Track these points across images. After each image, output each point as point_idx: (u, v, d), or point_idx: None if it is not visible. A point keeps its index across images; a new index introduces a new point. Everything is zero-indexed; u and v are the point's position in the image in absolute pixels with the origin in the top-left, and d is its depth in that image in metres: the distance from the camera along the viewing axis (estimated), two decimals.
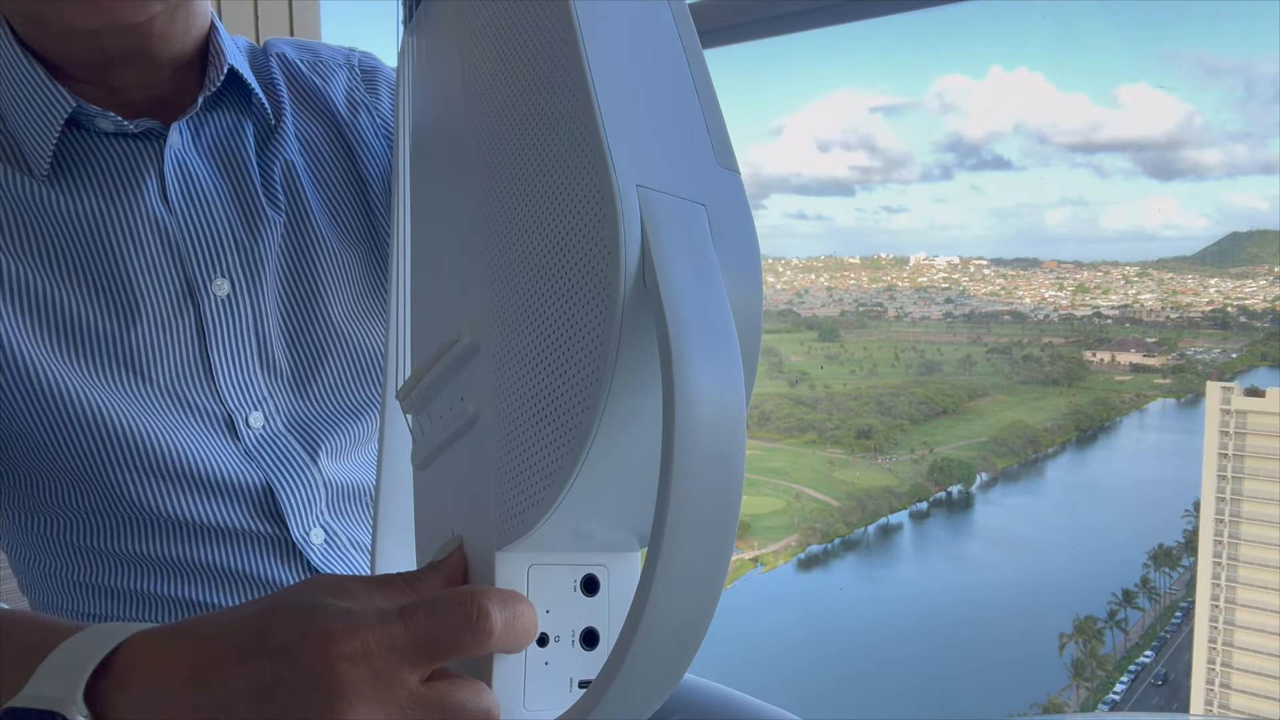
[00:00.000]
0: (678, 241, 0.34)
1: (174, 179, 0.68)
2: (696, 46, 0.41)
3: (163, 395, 0.66)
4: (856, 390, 42.92)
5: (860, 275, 54.69)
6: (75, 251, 0.65)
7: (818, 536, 33.56)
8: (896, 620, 31.79)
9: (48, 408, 0.64)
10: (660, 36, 0.40)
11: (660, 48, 0.40)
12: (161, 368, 0.66)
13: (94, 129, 0.67)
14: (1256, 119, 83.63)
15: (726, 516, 0.32)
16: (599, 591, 0.40)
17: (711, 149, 0.38)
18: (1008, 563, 33.91)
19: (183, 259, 0.67)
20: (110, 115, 0.66)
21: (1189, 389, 39.12)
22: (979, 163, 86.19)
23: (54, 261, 0.65)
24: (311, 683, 0.35)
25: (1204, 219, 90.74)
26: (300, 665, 0.35)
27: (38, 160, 0.65)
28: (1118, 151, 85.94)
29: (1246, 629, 22.79)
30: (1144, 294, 45.77)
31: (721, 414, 0.32)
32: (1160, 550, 30.83)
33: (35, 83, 0.65)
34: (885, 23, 5.23)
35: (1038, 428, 38.93)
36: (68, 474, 0.65)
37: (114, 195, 0.67)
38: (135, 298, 0.66)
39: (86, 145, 0.67)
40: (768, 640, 30.61)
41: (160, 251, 0.67)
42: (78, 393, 0.64)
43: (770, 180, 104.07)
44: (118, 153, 0.68)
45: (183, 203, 0.68)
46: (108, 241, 0.66)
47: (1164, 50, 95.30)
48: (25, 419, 0.64)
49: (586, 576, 0.40)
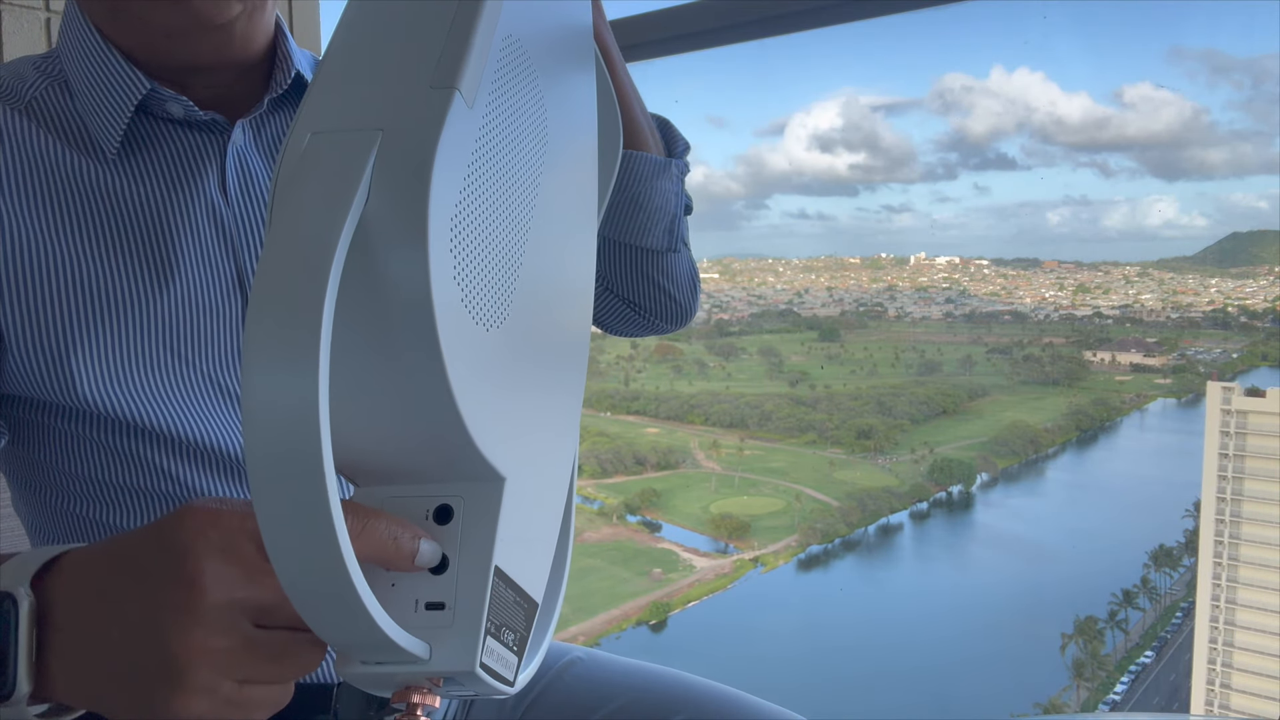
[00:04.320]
0: (309, 180, 0.37)
1: (234, 172, 0.71)
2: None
3: (202, 380, 0.68)
4: (856, 390, 42.87)
5: (860, 275, 54.61)
6: (131, 234, 0.67)
7: (818, 536, 33.52)
8: (896, 620, 31.76)
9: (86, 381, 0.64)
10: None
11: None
12: (204, 353, 0.68)
13: (163, 115, 0.69)
14: (1265, 117, 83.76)
15: (300, 501, 0.34)
16: (452, 519, 0.43)
17: (432, 71, 0.40)
18: (1008, 563, 33.87)
19: (235, 250, 0.70)
20: (182, 100, 0.68)
21: (1189, 389, 39.06)
22: (982, 162, 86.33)
23: (109, 243, 0.66)
24: (168, 538, 0.41)
25: (1205, 219, 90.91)
26: (164, 530, 0.42)
27: (107, 141, 0.67)
28: (1121, 151, 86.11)
29: (1246, 629, 22.75)
30: (1144, 294, 45.70)
31: (279, 408, 0.34)
32: (1160, 550, 30.77)
33: (112, 66, 0.67)
34: (886, 22, 5.21)
35: (1038, 428, 38.87)
36: (102, 449, 0.67)
37: (175, 182, 0.69)
38: (186, 283, 0.68)
39: (153, 131, 0.70)
40: (768, 640, 30.58)
41: (215, 240, 0.69)
42: (115, 365, 0.65)
43: (771, 180, 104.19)
44: (182, 142, 0.70)
45: (240, 196, 0.71)
46: (165, 227, 0.68)
47: (1169, 48, 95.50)
48: (63, 392, 0.64)
49: (440, 506, 0.43)
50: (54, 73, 0.70)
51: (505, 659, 0.45)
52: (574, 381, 0.56)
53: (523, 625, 0.47)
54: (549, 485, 0.52)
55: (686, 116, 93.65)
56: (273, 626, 0.42)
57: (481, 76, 0.42)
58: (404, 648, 0.39)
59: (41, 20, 1.55)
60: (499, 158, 0.44)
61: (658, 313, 0.92)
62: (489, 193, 0.43)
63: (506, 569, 0.44)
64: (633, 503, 34.43)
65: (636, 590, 30.27)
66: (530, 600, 0.48)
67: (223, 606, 0.40)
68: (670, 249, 0.87)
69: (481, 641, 0.42)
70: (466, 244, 0.41)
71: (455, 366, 0.39)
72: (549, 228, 0.50)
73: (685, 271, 0.91)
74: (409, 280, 0.37)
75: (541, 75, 0.51)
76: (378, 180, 0.37)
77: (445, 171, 0.39)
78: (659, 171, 0.83)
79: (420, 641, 0.41)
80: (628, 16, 1.49)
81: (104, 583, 0.43)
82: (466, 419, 0.40)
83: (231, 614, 0.40)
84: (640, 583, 30.66)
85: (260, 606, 0.41)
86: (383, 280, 0.38)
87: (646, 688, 0.87)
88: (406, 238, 0.37)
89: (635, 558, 31.71)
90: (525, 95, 0.48)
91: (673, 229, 0.86)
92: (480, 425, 0.41)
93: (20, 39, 1.52)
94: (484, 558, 0.42)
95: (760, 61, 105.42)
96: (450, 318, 0.39)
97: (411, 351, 0.38)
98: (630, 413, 40.87)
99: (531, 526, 0.48)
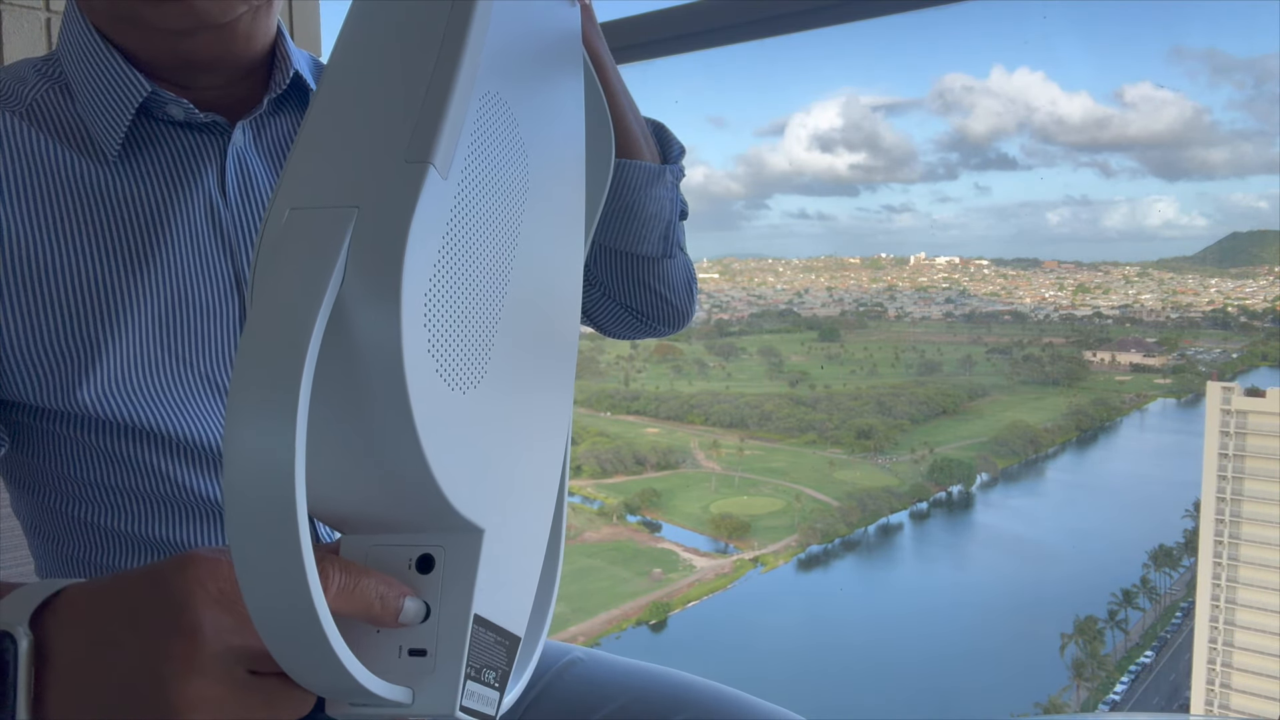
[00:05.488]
0: (289, 256, 0.38)
1: (234, 173, 0.71)
2: (469, 43, 0.43)
3: (199, 380, 0.68)
4: (856, 390, 42.88)
5: (860, 275, 54.64)
6: (129, 234, 0.67)
7: (818, 536, 33.52)
8: (896, 620, 31.76)
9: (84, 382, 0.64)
10: (423, 37, 0.44)
11: (419, 47, 0.43)
12: (202, 353, 0.68)
13: (163, 117, 0.69)
14: (1266, 117, 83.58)
15: (274, 553, 0.36)
16: (433, 569, 0.44)
17: (406, 146, 0.41)
18: (1008, 562, 33.88)
19: (233, 251, 0.70)
20: (182, 102, 0.68)
21: (1189, 389, 39.07)
22: (983, 162, 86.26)
23: (108, 244, 0.66)
24: (167, 588, 0.42)
25: (1205, 219, 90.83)
26: (163, 579, 0.42)
27: (108, 143, 0.67)
28: (1122, 151, 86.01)
29: (1246, 629, 22.75)
30: (1144, 294, 45.72)
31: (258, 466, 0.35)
32: (1160, 550, 30.78)
33: (113, 68, 0.67)
34: (886, 22, 5.21)
35: (1038, 428, 38.88)
36: (98, 451, 0.67)
37: (174, 183, 0.69)
38: (184, 284, 0.68)
39: (153, 132, 0.70)
40: (768, 640, 30.58)
41: (212, 240, 0.69)
42: (114, 370, 0.65)
43: (772, 180, 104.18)
44: (181, 142, 0.70)
45: (239, 196, 0.71)
46: (164, 226, 0.68)
47: (1170, 47, 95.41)
48: (61, 393, 0.64)
49: (422, 556, 0.45)
50: (54, 75, 0.70)
51: (486, 697, 0.46)
52: (556, 411, 0.56)
53: (504, 662, 0.48)
54: (531, 526, 0.53)
55: (686, 116, 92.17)
56: (266, 673, 0.43)
57: (457, 144, 0.42)
58: (383, 695, 0.41)
59: (41, 20, 1.55)
60: (476, 221, 0.44)
61: (655, 317, 0.92)
62: (465, 259, 0.43)
63: (486, 614, 0.45)
64: (633, 503, 34.43)
65: (636, 590, 30.27)
66: (512, 636, 0.49)
67: (219, 655, 0.41)
68: (666, 255, 0.87)
69: (461, 686, 0.43)
70: (441, 314, 0.41)
71: (428, 432, 0.40)
72: (531, 265, 0.51)
73: (681, 276, 0.91)
74: (382, 354, 0.38)
75: (522, 114, 0.50)
76: (353, 258, 0.38)
77: (419, 247, 0.39)
78: (653, 179, 0.82)
79: (402, 688, 0.42)
80: (628, 16, 1.49)
81: (103, 627, 0.43)
82: (440, 481, 0.41)
83: (227, 661, 0.41)
84: (640, 583, 30.67)
85: (254, 654, 0.42)
86: (358, 352, 0.39)
87: (646, 688, 0.87)
88: (380, 314, 0.38)
89: (635, 558, 31.71)
90: (504, 146, 0.48)
91: (668, 235, 0.86)
92: (455, 485, 0.42)
93: (20, 39, 1.52)
94: (464, 607, 0.44)
95: (760, 61, 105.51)
96: (423, 386, 0.40)
97: (385, 417, 0.39)
98: (630, 413, 40.87)
99: (513, 568, 0.49)
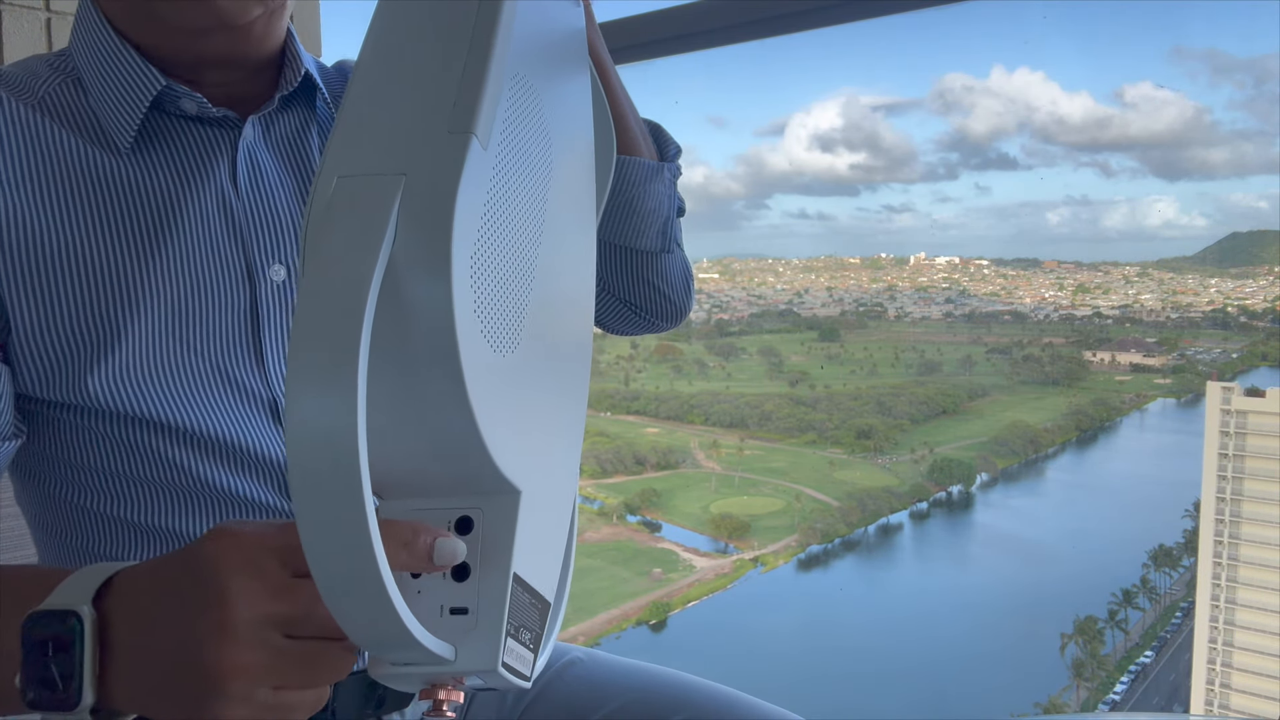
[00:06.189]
0: (340, 222, 0.40)
1: (245, 166, 0.72)
2: (500, 26, 0.46)
3: (210, 370, 0.69)
4: (856, 390, 42.92)
5: (860, 275, 54.70)
6: (142, 223, 0.67)
7: (818, 536, 33.55)
8: (896, 620, 31.79)
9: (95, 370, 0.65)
10: (455, 21, 0.46)
11: (452, 32, 0.45)
12: (213, 343, 0.69)
13: (175, 111, 0.71)
14: (1266, 117, 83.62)
15: (340, 516, 0.38)
16: (473, 530, 0.46)
17: (448, 117, 0.42)
18: (1008, 563, 33.91)
19: (244, 242, 0.71)
20: (196, 96, 0.69)
21: (1189, 389, 39.10)
22: (983, 162, 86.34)
23: (119, 232, 0.67)
24: (198, 561, 0.45)
25: (1205, 219, 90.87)
26: (194, 553, 0.46)
27: (121, 135, 0.68)
28: (1122, 151, 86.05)
29: (1246, 629, 22.77)
30: (1144, 294, 45.76)
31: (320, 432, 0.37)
32: (1160, 550, 30.80)
33: (126, 62, 0.68)
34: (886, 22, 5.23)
35: (1038, 428, 38.91)
36: (109, 440, 0.68)
37: (187, 174, 0.70)
38: (196, 274, 0.68)
39: (166, 126, 0.71)
40: (767, 640, 30.60)
41: (224, 231, 0.70)
42: (125, 359, 0.66)
43: (772, 180, 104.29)
44: (193, 136, 0.71)
45: (250, 189, 0.72)
46: (176, 217, 0.69)
47: (1171, 47, 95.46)
48: (73, 382, 0.65)
49: (461, 518, 0.46)
50: (67, 69, 0.71)
51: (523, 657, 0.48)
52: (579, 384, 0.59)
53: (538, 624, 0.50)
54: (559, 492, 0.55)
55: (686, 116, 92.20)
56: (302, 636, 0.44)
57: (494, 119, 0.44)
58: (431, 650, 0.42)
59: (42, 20, 1.55)
60: (512, 191, 0.46)
61: (654, 311, 0.93)
62: (504, 226, 0.45)
63: (523, 574, 0.47)
64: (633, 503, 34.46)
65: (636, 590, 30.30)
66: (544, 600, 0.51)
67: (252, 622, 0.43)
68: (664, 250, 0.88)
69: (503, 643, 0.45)
70: (485, 277, 0.43)
71: (476, 392, 0.41)
72: (555, 242, 0.53)
73: (679, 271, 0.93)
74: (434, 314, 0.40)
75: (545, 99, 0.53)
76: (404, 223, 0.40)
77: (466, 212, 0.41)
78: (652, 175, 0.84)
79: (446, 644, 0.44)
80: (628, 16, 1.49)
81: (150, 605, 0.46)
82: (487, 440, 0.43)
83: (262, 628, 0.43)
84: (640, 583, 30.69)
85: (288, 618, 0.44)
86: (410, 314, 0.40)
87: (646, 688, 0.87)
88: (432, 276, 0.39)
89: (635, 558, 31.73)
90: (532, 125, 0.50)
91: (666, 231, 0.87)
92: (498, 445, 0.44)
93: (20, 39, 1.52)
94: (503, 566, 0.45)
95: (760, 61, 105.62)
96: (472, 347, 0.41)
97: (437, 379, 0.41)
98: (630, 413, 40.91)
99: (544, 532, 0.51)
